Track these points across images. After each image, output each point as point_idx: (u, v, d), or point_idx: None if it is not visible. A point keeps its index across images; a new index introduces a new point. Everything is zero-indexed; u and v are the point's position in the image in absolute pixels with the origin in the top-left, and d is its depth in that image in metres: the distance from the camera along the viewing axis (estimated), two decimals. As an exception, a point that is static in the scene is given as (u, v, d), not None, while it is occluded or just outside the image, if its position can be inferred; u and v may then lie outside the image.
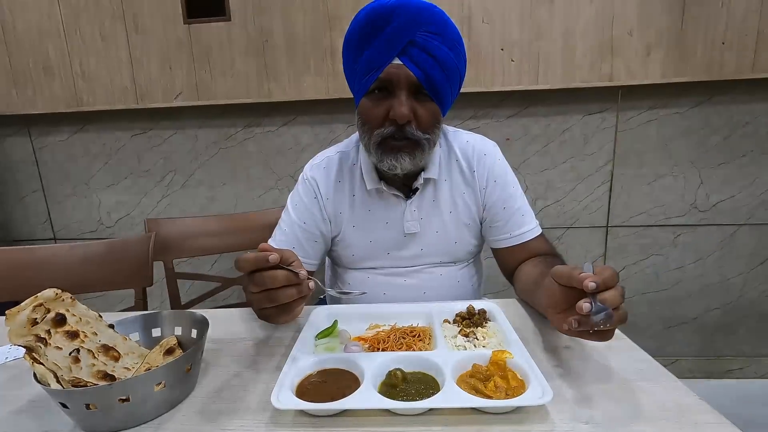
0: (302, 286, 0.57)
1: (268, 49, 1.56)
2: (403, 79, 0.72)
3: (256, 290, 0.57)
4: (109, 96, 1.64)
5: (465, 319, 0.69)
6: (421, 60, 0.71)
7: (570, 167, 1.63)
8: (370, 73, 0.73)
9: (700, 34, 1.44)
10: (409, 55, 0.71)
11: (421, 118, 0.74)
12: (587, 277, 0.49)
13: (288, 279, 0.56)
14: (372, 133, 0.76)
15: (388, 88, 0.73)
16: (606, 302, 0.48)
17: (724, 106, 1.53)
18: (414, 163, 0.77)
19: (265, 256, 0.54)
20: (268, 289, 0.56)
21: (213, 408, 0.54)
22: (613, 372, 0.57)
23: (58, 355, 0.52)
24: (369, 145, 0.78)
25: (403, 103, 0.72)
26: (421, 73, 0.71)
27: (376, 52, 0.72)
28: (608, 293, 0.49)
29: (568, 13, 1.46)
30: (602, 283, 0.49)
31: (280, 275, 0.55)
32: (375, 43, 0.71)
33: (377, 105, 0.75)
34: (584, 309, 0.48)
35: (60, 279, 1.07)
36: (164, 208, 1.78)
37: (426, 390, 0.52)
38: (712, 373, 1.75)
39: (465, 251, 0.91)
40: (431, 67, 0.71)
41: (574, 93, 1.54)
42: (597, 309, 0.48)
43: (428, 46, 0.71)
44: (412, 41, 0.70)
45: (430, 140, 0.77)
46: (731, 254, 1.65)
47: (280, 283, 0.55)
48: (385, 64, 0.71)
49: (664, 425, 0.47)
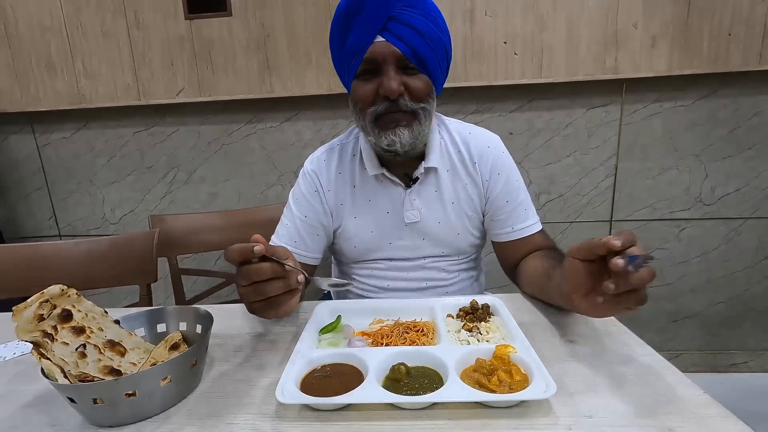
0: (290, 279, 0.56)
1: (270, 44, 1.55)
2: (389, 54, 0.72)
3: (244, 283, 0.56)
4: (112, 93, 1.64)
5: (468, 314, 0.69)
6: (403, 33, 0.72)
7: (574, 161, 1.62)
8: (356, 55, 0.74)
9: (705, 25, 1.42)
10: (390, 30, 0.72)
11: (412, 90, 0.75)
12: (610, 239, 0.50)
13: (274, 271, 0.55)
14: (366, 112, 0.77)
15: (375, 68, 0.74)
16: (634, 253, 0.48)
17: (730, 98, 1.51)
18: (413, 135, 0.77)
19: (251, 247, 0.53)
20: (255, 282, 0.55)
21: (218, 402, 0.54)
22: (617, 366, 0.57)
23: (64, 350, 0.53)
24: (366, 125, 0.78)
25: (392, 77, 0.73)
26: (405, 47, 0.72)
27: (359, 33, 0.73)
28: (634, 248, 0.49)
29: (571, 5, 1.44)
30: (625, 241, 0.49)
31: (265, 267, 0.54)
32: (356, 25, 0.73)
33: (367, 84, 0.75)
34: (620, 264, 0.47)
35: (65, 275, 1.08)
36: (168, 204, 1.79)
37: (430, 384, 0.52)
38: (716, 367, 1.75)
39: (467, 243, 0.91)
40: (414, 40, 0.72)
41: (578, 86, 1.53)
42: (630, 260, 0.47)
43: (407, 19, 0.72)
44: (390, 17, 0.71)
45: (426, 110, 0.77)
46: (736, 248, 1.64)
47: (266, 276, 0.55)
48: (369, 43, 0.72)
49: (668, 419, 0.47)
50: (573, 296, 0.58)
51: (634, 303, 0.50)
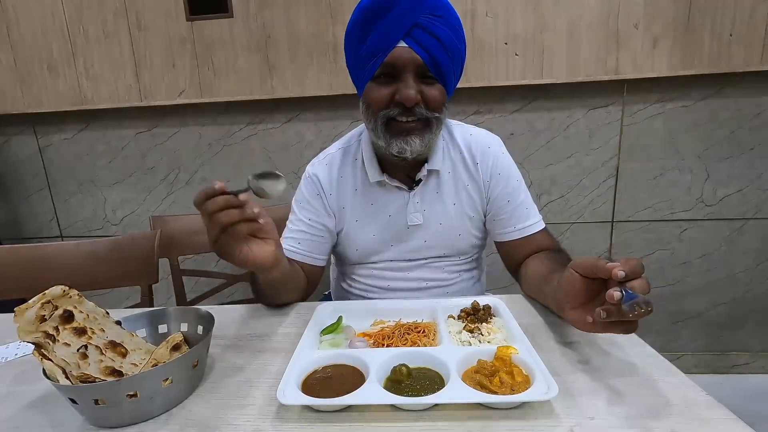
0: (245, 209, 0.57)
1: (271, 46, 1.55)
2: (409, 61, 0.72)
3: (205, 221, 0.57)
4: (113, 94, 1.64)
5: (470, 315, 0.69)
6: (426, 42, 0.71)
7: (575, 162, 1.61)
8: (376, 57, 0.73)
9: (707, 26, 1.42)
10: (414, 37, 0.71)
11: (428, 99, 0.75)
12: (615, 266, 0.49)
13: (227, 201, 0.56)
14: (377, 115, 0.76)
15: (393, 73, 0.73)
16: (635, 290, 0.48)
17: (731, 99, 1.51)
18: (424, 143, 0.77)
19: (212, 185, 0.56)
20: (212, 212, 0.56)
21: (219, 403, 0.54)
22: (619, 367, 0.57)
23: (66, 351, 0.53)
24: (377, 128, 0.77)
25: (411, 85, 0.72)
26: (427, 56, 0.72)
27: (381, 36, 0.72)
28: (637, 282, 0.49)
29: (572, 6, 1.44)
30: (630, 272, 0.49)
31: (220, 198, 0.56)
32: (380, 27, 0.71)
33: (383, 88, 0.75)
34: (615, 297, 0.47)
35: (67, 276, 1.08)
36: (169, 205, 1.79)
37: (431, 385, 0.52)
38: (718, 368, 1.74)
39: (468, 244, 0.91)
40: (436, 50, 0.72)
41: (580, 87, 1.52)
42: (627, 297, 0.47)
43: (432, 28, 0.71)
44: (416, 24, 0.70)
45: (439, 119, 0.78)
46: (738, 249, 1.63)
47: (221, 206, 0.56)
48: (391, 47, 0.71)
49: (670, 420, 0.47)
50: (565, 307, 0.59)
51: (622, 332, 0.51)
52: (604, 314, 0.49)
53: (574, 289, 0.57)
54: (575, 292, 0.57)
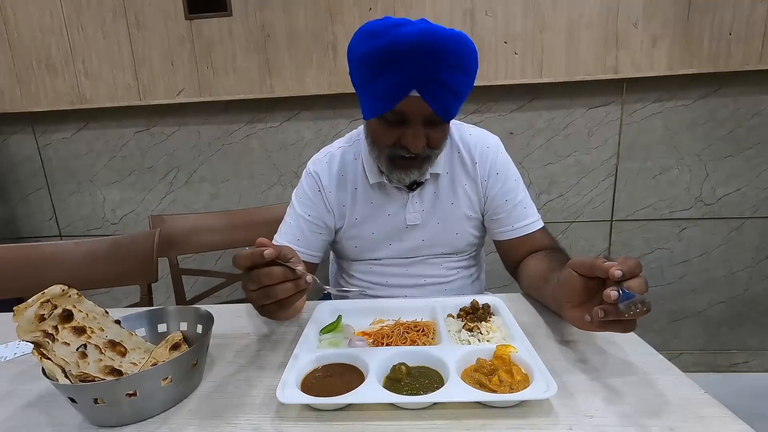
0: (299, 281, 0.56)
1: (270, 45, 1.55)
2: (419, 113, 0.71)
3: (253, 287, 0.56)
4: (112, 93, 1.64)
5: (469, 314, 0.69)
6: (439, 94, 0.70)
7: (574, 161, 1.62)
8: (385, 101, 0.71)
9: (706, 24, 1.42)
10: (427, 88, 0.69)
11: (432, 140, 0.75)
12: (613, 266, 0.49)
13: (285, 275, 0.55)
14: (382, 151, 0.77)
15: (402, 119, 0.73)
16: (632, 290, 0.48)
17: (730, 98, 1.51)
18: (422, 173, 0.80)
19: (261, 252, 0.53)
20: (265, 285, 0.55)
21: (219, 403, 0.54)
22: (618, 366, 0.57)
23: (65, 350, 0.53)
24: (379, 158, 0.79)
25: (418, 135, 0.73)
26: (439, 108, 0.71)
27: (394, 83, 0.69)
28: (634, 281, 0.49)
29: (572, 5, 1.44)
30: (628, 272, 0.49)
31: (276, 271, 0.54)
32: (391, 73, 0.68)
33: (389, 129, 0.74)
34: (612, 297, 0.47)
35: (66, 275, 1.08)
36: (168, 204, 1.79)
37: (430, 384, 0.52)
38: (717, 366, 1.74)
39: (466, 242, 0.92)
40: (448, 100, 0.71)
41: (579, 86, 1.52)
42: (624, 296, 0.47)
43: (447, 79, 0.69)
44: (433, 77, 0.68)
45: (439, 152, 0.80)
46: (737, 248, 1.64)
47: (277, 280, 0.55)
48: (402, 97, 0.70)
49: (669, 419, 0.47)
50: (564, 306, 0.59)
51: (620, 331, 0.51)
52: (601, 314, 0.49)
53: (573, 289, 0.57)
54: (574, 291, 0.57)
